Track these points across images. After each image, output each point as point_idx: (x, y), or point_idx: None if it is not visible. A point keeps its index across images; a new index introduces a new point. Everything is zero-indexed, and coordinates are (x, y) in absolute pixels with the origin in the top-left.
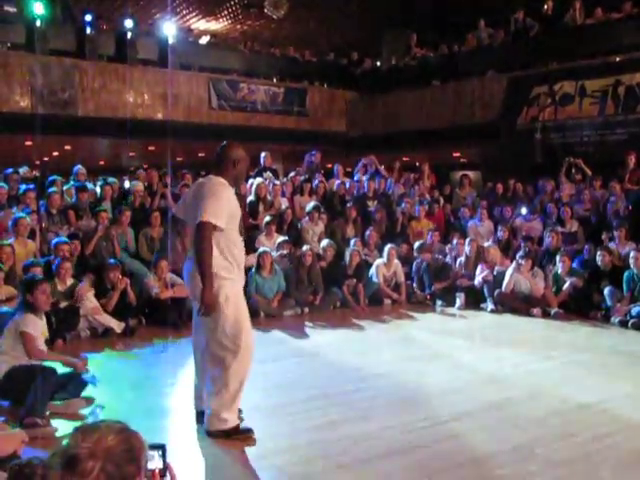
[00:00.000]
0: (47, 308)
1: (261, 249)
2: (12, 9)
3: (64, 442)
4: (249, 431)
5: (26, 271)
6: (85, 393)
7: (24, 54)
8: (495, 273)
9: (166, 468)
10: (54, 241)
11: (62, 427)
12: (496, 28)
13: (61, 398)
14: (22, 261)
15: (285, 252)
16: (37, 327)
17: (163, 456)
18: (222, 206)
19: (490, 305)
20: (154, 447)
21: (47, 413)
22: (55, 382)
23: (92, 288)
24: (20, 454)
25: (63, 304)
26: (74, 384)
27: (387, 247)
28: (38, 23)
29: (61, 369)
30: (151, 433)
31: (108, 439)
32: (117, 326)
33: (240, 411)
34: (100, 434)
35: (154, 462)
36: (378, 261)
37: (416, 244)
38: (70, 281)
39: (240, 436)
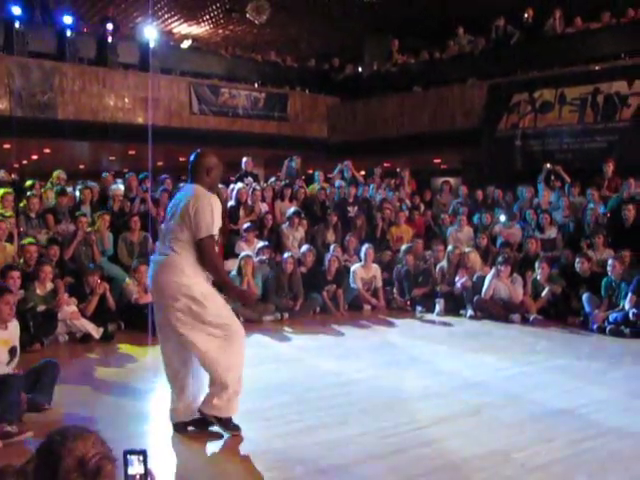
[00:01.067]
0: (10, 319)
1: (243, 253)
2: None
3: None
4: (238, 429)
5: (3, 275)
6: (63, 401)
7: (2, 55)
8: (474, 279)
9: (147, 474)
10: (22, 243)
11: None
12: (477, 35)
13: (39, 398)
14: (0, 265)
15: (265, 257)
16: None
17: (144, 462)
18: (212, 216)
19: (469, 311)
20: (135, 452)
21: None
22: (21, 386)
23: (71, 297)
24: None
25: (41, 308)
26: (46, 374)
27: (364, 247)
28: (17, 24)
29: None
30: (132, 439)
31: (99, 440)
32: (95, 331)
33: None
34: (91, 439)
35: (135, 468)
36: (355, 265)
37: (403, 247)
38: (50, 285)
39: (230, 429)
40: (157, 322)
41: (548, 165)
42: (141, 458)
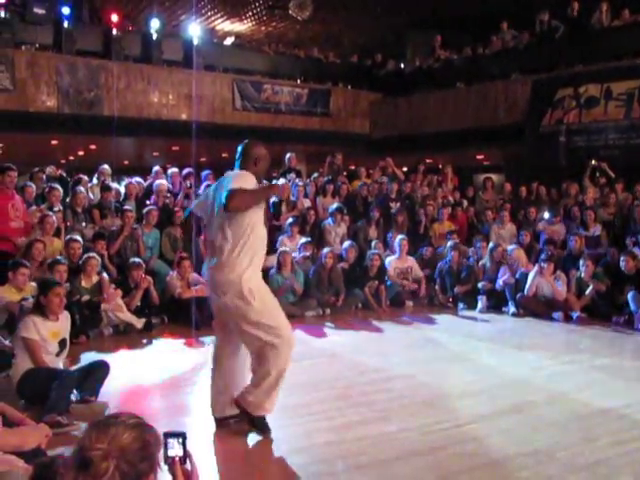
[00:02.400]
0: (60, 312)
1: (281, 248)
2: (41, 11)
3: (78, 441)
4: (267, 429)
5: (51, 268)
6: (108, 394)
7: (51, 54)
8: (517, 276)
9: (187, 456)
10: (66, 238)
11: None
12: (521, 30)
13: (83, 393)
14: (48, 259)
15: (308, 254)
16: (39, 329)
17: (183, 444)
18: (247, 184)
19: (512, 308)
20: (174, 435)
21: (66, 415)
22: (74, 383)
23: (119, 290)
24: (44, 448)
25: (85, 298)
26: (97, 373)
27: (398, 238)
28: (65, 24)
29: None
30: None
31: (122, 437)
32: (137, 322)
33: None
34: (114, 432)
35: (174, 449)
36: (390, 257)
37: (449, 242)
38: (95, 278)
39: (259, 429)
40: (214, 313)
41: (593, 161)
42: (180, 440)
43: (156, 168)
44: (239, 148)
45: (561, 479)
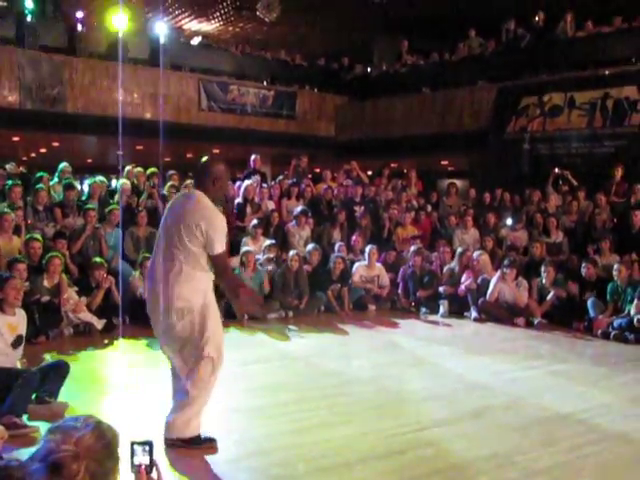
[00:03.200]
0: (17, 305)
1: (245, 248)
2: (2, 3)
3: (41, 443)
4: (211, 441)
5: (10, 267)
6: (68, 394)
7: (13, 49)
8: (479, 281)
9: (152, 464)
10: (26, 237)
11: (43, 427)
12: (487, 37)
13: (42, 394)
14: (6, 257)
15: (272, 255)
16: None
17: (150, 452)
18: (223, 232)
19: (474, 313)
20: (140, 443)
21: (24, 417)
22: (35, 385)
23: (74, 288)
24: None
25: (45, 299)
26: (56, 372)
27: (368, 248)
28: (28, 18)
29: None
30: (134, 432)
31: (86, 438)
32: (98, 323)
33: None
34: (78, 434)
35: (140, 458)
36: (358, 263)
37: (412, 247)
38: (57, 278)
39: (202, 446)
40: (157, 330)
41: (556, 169)
42: (147, 448)
43: (128, 167)
44: (198, 165)
45: None
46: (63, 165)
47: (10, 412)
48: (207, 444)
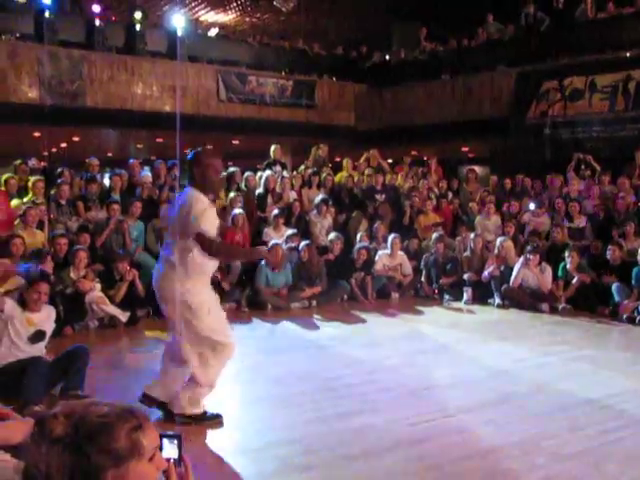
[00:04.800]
0: (38, 309)
1: (273, 241)
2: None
3: None
4: (216, 417)
5: (39, 257)
6: (94, 387)
7: (32, 45)
8: (502, 268)
9: (181, 458)
10: (51, 234)
11: None
12: (506, 22)
13: (69, 388)
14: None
15: (294, 245)
16: (12, 312)
17: (178, 446)
18: (204, 215)
19: (497, 300)
20: (169, 436)
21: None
22: (48, 370)
23: (96, 280)
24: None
25: (69, 290)
26: (77, 360)
27: (391, 237)
28: (47, 14)
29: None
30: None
31: (90, 411)
32: (122, 315)
33: None
34: (83, 410)
35: (169, 451)
36: (382, 252)
37: (434, 235)
38: (84, 271)
39: (206, 423)
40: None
41: (578, 154)
42: (175, 442)
43: (131, 161)
44: (187, 159)
45: (547, 469)
46: (90, 159)
47: (29, 403)
48: (214, 419)
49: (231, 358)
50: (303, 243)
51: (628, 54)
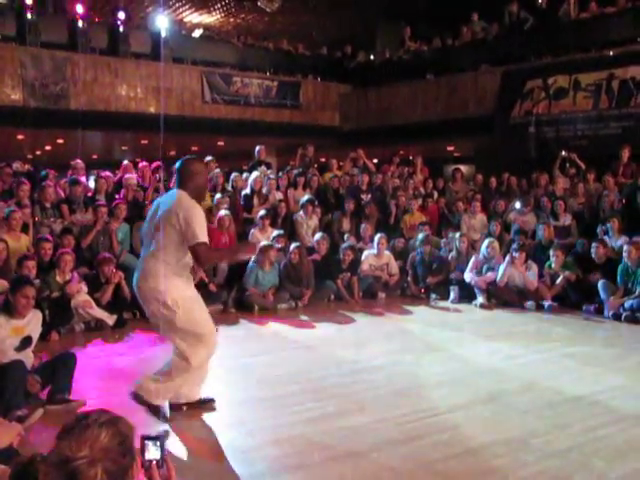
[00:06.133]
0: (26, 313)
1: (264, 242)
2: (3, 0)
3: (56, 447)
4: (208, 401)
5: (19, 265)
6: (81, 391)
7: (15, 46)
8: (487, 267)
9: (164, 460)
10: (36, 238)
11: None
12: (490, 21)
13: (56, 392)
14: (15, 255)
15: (281, 246)
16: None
17: (161, 447)
18: (203, 223)
19: (481, 299)
20: (152, 438)
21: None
22: (25, 372)
23: (82, 283)
24: (16, 447)
25: (55, 295)
26: (63, 364)
27: (377, 236)
28: (29, 15)
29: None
30: (148, 426)
31: (101, 438)
32: (109, 318)
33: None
34: (92, 435)
35: (151, 453)
36: (367, 252)
37: (420, 235)
38: (70, 275)
39: (202, 406)
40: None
41: (563, 152)
42: (158, 444)
43: (125, 162)
44: (177, 165)
45: (535, 466)
46: (75, 162)
47: (9, 408)
48: (206, 403)
49: (213, 349)
50: (293, 245)
51: (611, 53)
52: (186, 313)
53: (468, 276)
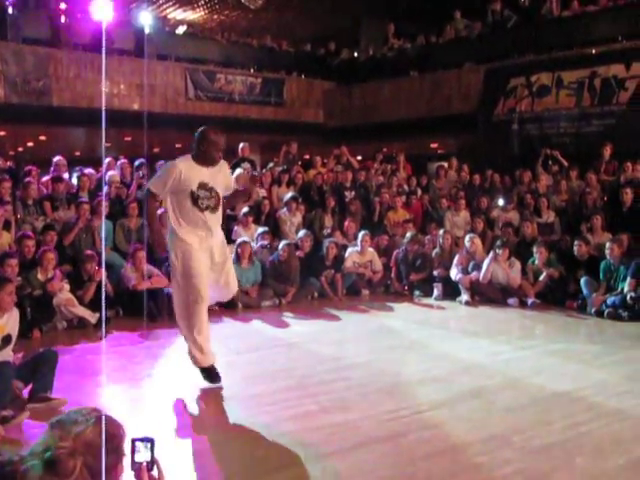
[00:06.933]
0: (10, 308)
1: (240, 239)
2: None
3: (41, 440)
4: (216, 378)
5: (1, 263)
6: (64, 389)
7: None
8: (470, 266)
9: (154, 462)
10: (18, 235)
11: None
12: (473, 19)
13: (37, 390)
14: None
15: (265, 243)
16: None
17: (151, 449)
18: (161, 178)
19: (465, 297)
20: (142, 440)
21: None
22: (13, 373)
23: (65, 281)
24: None
25: (37, 292)
26: (45, 362)
27: (360, 234)
28: (10, 10)
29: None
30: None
31: (86, 433)
32: (91, 317)
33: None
34: (78, 428)
35: (142, 455)
36: (351, 249)
37: (408, 234)
38: (52, 273)
39: (206, 377)
40: None
41: (546, 150)
42: (148, 446)
43: (107, 160)
44: (197, 132)
45: (517, 463)
46: (57, 159)
47: None
48: (211, 378)
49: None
50: (283, 242)
51: (594, 51)
52: (182, 265)
53: (454, 272)
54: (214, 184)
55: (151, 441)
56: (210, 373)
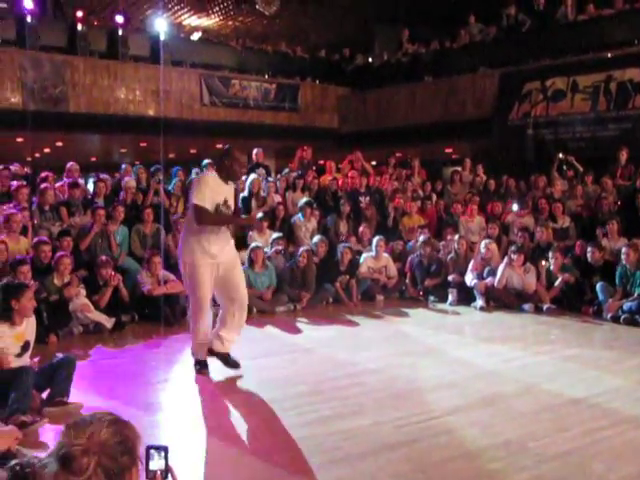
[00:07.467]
0: (30, 315)
1: (253, 244)
2: (3, 5)
3: (57, 442)
4: (204, 368)
5: (13, 269)
6: (81, 394)
7: (15, 50)
8: (485, 272)
9: (168, 470)
10: (34, 240)
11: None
12: (488, 24)
13: (55, 395)
14: (14, 256)
15: (280, 248)
16: (2, 337)
17: (165, 458)
18: (200, 190)
19: (480, 302)
20: (157, 448)
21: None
22: (34, 379)
23: (81, 286)
24: (14, 451)
25: (53, 298)
26: (63, 369)
27: (375, 239)
28: (29, 19)
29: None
30: (147, 429)
31: (101, 433)
32: (107, 322)
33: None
34: (92, 429)
35: (156, 463)
36: (366, 254)
37: (420, 237)
38: (68, 278)
39: (199, 369)
40: None
41: (560, 155)
42: (162, 454)
43: (124, 166)
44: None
45: (533, 469)
46: (70, 164)
47: (15, 412)
48: (201, 369)
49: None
50: (302, 248)
51: (609, 55)
52: (189, 277)
53: (469, 278)
54: (231, 202)
55: (165, 449)
56: (201, 363)
